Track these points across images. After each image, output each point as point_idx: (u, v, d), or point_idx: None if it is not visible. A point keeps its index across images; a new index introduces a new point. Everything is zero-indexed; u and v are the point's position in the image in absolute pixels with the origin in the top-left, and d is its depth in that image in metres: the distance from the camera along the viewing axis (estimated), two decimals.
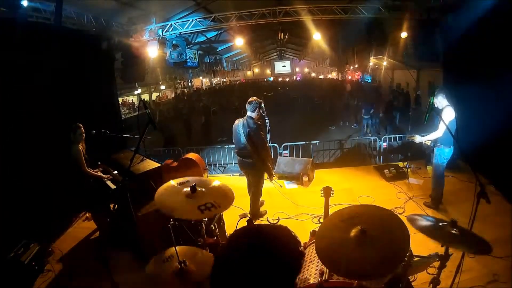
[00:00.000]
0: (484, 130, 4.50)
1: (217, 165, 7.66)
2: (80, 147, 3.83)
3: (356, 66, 19.40)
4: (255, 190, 4.31)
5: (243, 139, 3.98)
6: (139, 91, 18.96)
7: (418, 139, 4.20)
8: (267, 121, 5.19)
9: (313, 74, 35.95)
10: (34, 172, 4.12)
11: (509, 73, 4.28)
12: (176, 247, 2.25)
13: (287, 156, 6.35)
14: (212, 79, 30.01)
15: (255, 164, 4.05)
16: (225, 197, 2.42)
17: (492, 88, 4.59)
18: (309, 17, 7.42)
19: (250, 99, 4.05)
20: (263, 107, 4.17)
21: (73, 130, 3.81)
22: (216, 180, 2.54)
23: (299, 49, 27.62)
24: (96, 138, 4.22)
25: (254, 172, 4.20)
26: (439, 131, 3.93)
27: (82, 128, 3.87)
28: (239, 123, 4.04)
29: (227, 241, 0.88)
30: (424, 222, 2.08)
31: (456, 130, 3.90)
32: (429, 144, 4.24)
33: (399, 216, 1.79)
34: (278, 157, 6.09)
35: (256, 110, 3.98)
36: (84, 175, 3.86)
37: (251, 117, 3.98)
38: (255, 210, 4.43)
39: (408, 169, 5.51)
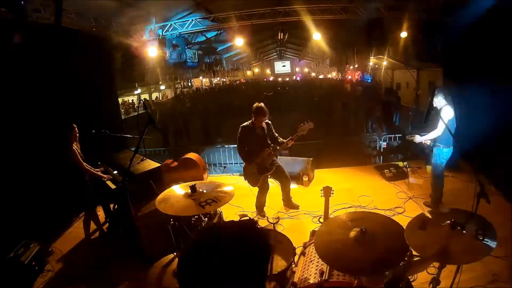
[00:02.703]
0: (484, 130, 4.50)
1: (217, 165, 7.65)
2: (75, 146, 3.83)
3: (356, 66, 19.42)
4: None
5: None
6: (139, 91, 18.94)
7: (417, 138, 4.18)
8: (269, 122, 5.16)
9: (313, 74, 35.94)
10: (34, 172, 4.12)
11: (509, 72, 4.29)
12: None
13: (287, 156, 6.34)
14: (212, 79, 30.02)
15: None
16: (224, 193, 2.45)
17: (492, 88, 4.59)
18: (309, 17, 7.42)
19: None
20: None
21: (67, 131, 3.81)
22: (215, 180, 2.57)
23: (299, 49, 27.66)
24: (96, 138, 4.22)
25: None
26: (438, 130, 3.93)
27: (76, 129, 3.87)
28: None
29: (190, 240, 0.90)
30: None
31: (456, 129, 3.90)
32: (428, 143, 4.23)
33: (399, 215, 1.79)
34: (279, 156, 6.08)
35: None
36: (82, 173, 3.85)
37: None
38: (256, 205, 4.51)
39: (408, 169, 5.51)
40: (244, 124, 4.17)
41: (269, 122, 4.30)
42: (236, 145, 4.27)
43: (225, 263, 0.75)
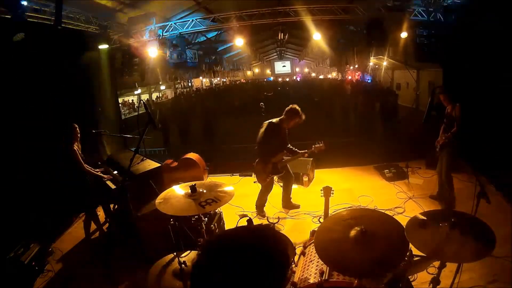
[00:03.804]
0: (484, 130, 4.51)
1: (217, 165, 7.63)
2: (76, 147, 3.83)
3: (356, 66, 19.40)
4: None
5: None
6: (139, 91, 18.90)
7: (440, 143, 4.15)
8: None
9: (313, 74, 35.92)
10: (34, 172, 4.13)
11: (509, 72, 4.29)
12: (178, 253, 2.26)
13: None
14: (212, 79, 29.99)
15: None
16: (224, 193, 2.45)
17: (492, 88, 4.59)
18: (309, 17, 7.42)
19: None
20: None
21: (68, 131, 3.81)
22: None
23: (299, 49, 27.64)
24: (96, 138, 4.22)
25: None
26: (457, 127, 3.91)
27: (77, 129, 3.87)
28: None
29: (203, 247, 0.86)
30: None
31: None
32: (437, 148, 4.21)
33: (399, 216, 1.79)
34: None
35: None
36: (83, 173, 3.85)
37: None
38: (256, 204, 4.47)
39: (408, 169, 5.50)
40: (273, 120, 4.14)
41: None
42: (257, 143, 4.15)
43: (240, 272, 0.72)
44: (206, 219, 2.85)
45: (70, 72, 4.90)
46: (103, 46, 6.25)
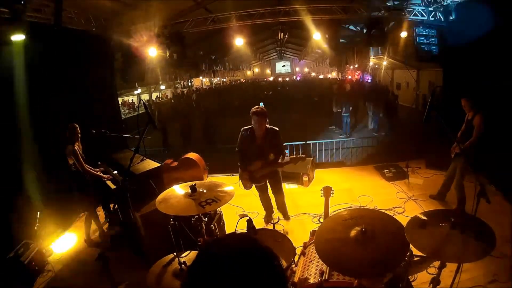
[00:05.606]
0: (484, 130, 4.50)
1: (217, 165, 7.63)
2: (76, 146, 3.83)
3: (356, 66, 19.42)
4: None
5: None
6: (139, 91, 18.90)
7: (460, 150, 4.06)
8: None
9: (313, 74, 35.93)
10: (34, 172, 4.12)
11: (509, 72, 4.29)
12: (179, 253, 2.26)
13: (287, 156, 6.33)
14: (212, 79, 30.01)
15: None
16: (225, 193, 2.45)
17: (492, 88, 4.59)
18: (309, 17, 7.42)
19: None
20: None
21: (69, 131, 3.81)
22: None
23: (299, 49, 27.68)
24: (96, 138, 4.21)
25: None
26: (476, 137, 3.83)
27: (78, 128, 3.86)
28: None
29: (214, 240, 0.83)
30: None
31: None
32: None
33: (399, 215, 1.79)
34: None
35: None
36: (84, 173, 3.85)
37: None
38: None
39: (408, 169, 5.51)
40: (244, 127, 3.88)
41: (276, 129, 3.84)
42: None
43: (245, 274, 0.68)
44: (206, 219, 2.85)
45: (69, 72, 4.87)
46: (103, 46, 6.21)
